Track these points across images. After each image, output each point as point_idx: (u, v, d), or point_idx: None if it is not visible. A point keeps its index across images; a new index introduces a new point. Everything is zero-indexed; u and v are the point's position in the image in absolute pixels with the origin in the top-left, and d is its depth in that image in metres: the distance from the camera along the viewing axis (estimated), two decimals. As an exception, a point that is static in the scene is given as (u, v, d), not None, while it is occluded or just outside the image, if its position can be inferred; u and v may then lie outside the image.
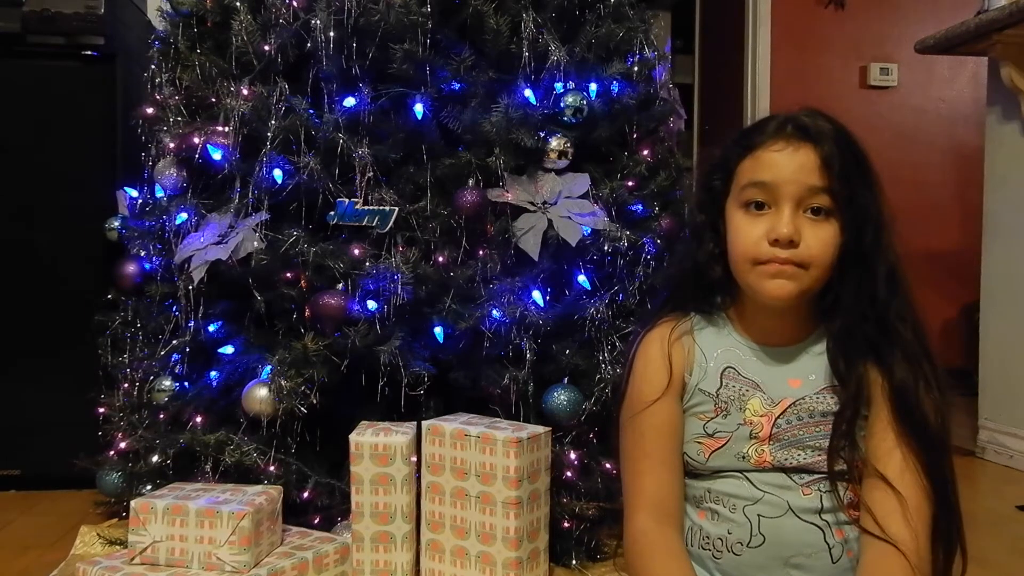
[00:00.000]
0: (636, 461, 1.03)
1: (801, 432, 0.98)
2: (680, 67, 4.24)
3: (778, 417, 0.98)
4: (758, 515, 0.97)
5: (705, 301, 1.07)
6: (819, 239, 0.95)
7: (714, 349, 1.04)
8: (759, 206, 0.97)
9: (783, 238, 0.93)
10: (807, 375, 1.01)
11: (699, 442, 1.01)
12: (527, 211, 1.58)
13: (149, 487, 1.56)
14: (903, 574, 0.89)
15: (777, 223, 0.94)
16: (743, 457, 0.98)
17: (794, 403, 0.99)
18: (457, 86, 1.59)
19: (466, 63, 1.58)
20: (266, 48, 1.62)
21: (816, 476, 0.97)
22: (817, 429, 0.98)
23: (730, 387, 1.01)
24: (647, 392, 1.03)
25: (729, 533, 0.98)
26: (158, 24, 1.86)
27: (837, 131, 0.98)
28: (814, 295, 0.99)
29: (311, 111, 1.59)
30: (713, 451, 1.00)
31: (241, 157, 1.59)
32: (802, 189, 0.95)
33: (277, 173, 1.53)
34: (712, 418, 1.01)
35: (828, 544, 0.96)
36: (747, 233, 0.97)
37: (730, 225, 1.00)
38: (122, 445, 1.68)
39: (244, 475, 1.49)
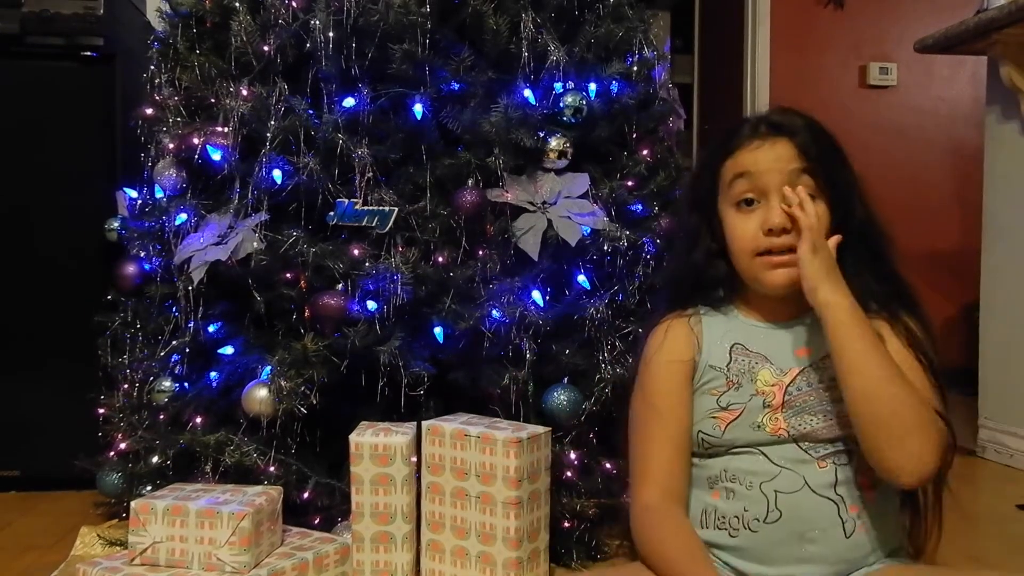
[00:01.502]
0: (645, 439, 1.06)
1: (811, 398, 1.01)
2: (679, 67, 4.24)
3: (788, 385, 1.02)
4: (775, 491, 0.98)
5: (707, 297, 1.11)
6: None
7: (721, 330, 1.08)
8: (748, 203, 1.03)
9: (776, 227, 1.00)
10: (812, 344, 1.04)
11: (714, 417, 1.04)
12: (527, 211, 1.58)
13: (149, 488, 1.56)
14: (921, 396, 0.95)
15: (768, 214, 1.00)
16: (758, 426, 1.01)
17: (802, 371, 1.03)
18: (456, 86, 1.59)
19: (465, 63, 1.58)
20: (265, 48, 1.61)
21: (831, 449, 0.99)
22: (826, 393, 1.01)
23: (739, 361, 1.05)
24: (667, 356, 1.07)
25: (746, 510, 0.99)
26: (157, 25, 1.86)
27: (808, 123, 1.05)
28: None
29: (310, 111, 1.58)
30: (728, 423, 1.02)
31: (240, 157, 1.59)
32: (784, 176, 1.01)
33: (276, 173, 1.53)
34: (724, 391, 1.04)
35: (842, 519, 0.97)
36: (743, 229, 1.03)
37: (726, 224, 1.06)
38: (122, 446, 1.68)
39: (244, 476, 1.49)
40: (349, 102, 1.57)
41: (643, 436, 1.07)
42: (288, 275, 1.52)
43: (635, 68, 1.76)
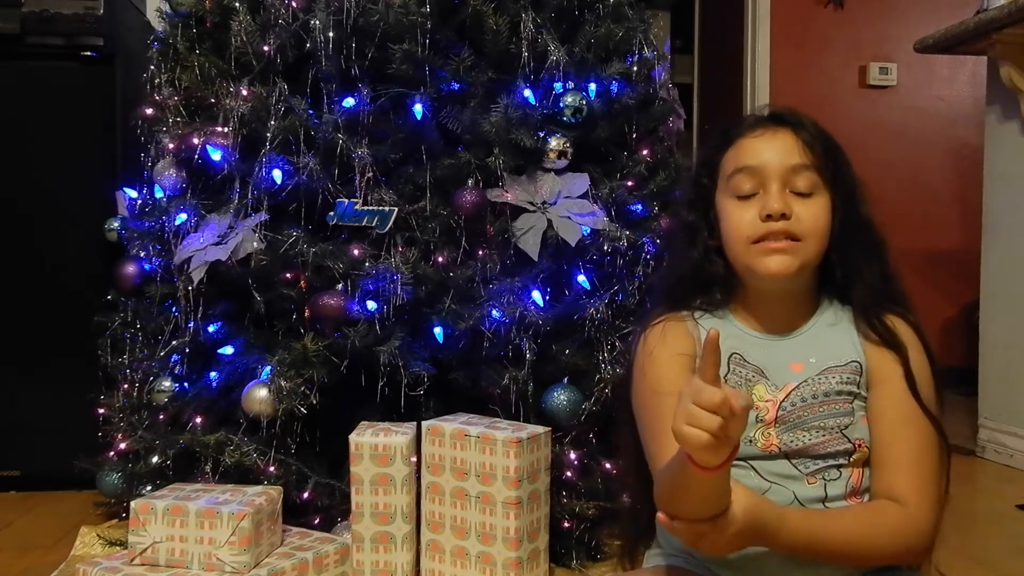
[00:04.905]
0: (660, 433, 0.99)
1: (805, 413, 1.00)
2: (679, 67, 4.25)
3: (782, 401, 1.00)
4: None
5: (704, 299, 1.09)
6: (810, 213, 0.99)
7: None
8: (747, 194, 1.01)
9: (775, 212, 0.97)
10: (807, 358, 1.03)
11: None
12: (527, 211, 1.58)
13: (149, 488, 1.56)
14: (896, 519, 0.94)
15: (767, 200, 0.99)
16: (751, 441, 1.00)
17: (797, 386, 1.01)
18: (456, 86, 1.59)
19: (465, 63, 1.58)
20: (265, 48, 1.62)
21: (820, 465, 0.99)
22: (820, 409, 1.00)
23: (737, 372, 1.03)
24: (670, 350, 1.03)
25: None
26: (157, 25, 1.86)
27: (811, 121, 1.04)
28: (813, 276, 1.03)
29: (310, 111, 1.59)
30: None
31: (240, 157, 1.59)
32: (786, 169, 1.00)
33: (276, 173, 1.53)
34: None
35: None
36: (740, 217, 1.01)
37: (723, 215, 1.04)
38: (122, 446, 1.68)
39: (244, 476, 1.49)
40: (349, 102, 1.57)
41: (657, 429, 1.01)
42: (288, 275, 1.52)
43: (635, 68, 1.76)
